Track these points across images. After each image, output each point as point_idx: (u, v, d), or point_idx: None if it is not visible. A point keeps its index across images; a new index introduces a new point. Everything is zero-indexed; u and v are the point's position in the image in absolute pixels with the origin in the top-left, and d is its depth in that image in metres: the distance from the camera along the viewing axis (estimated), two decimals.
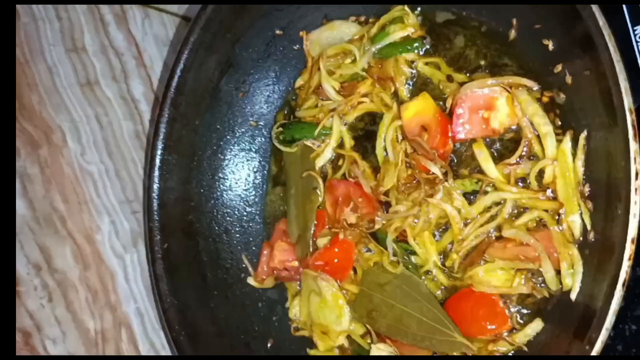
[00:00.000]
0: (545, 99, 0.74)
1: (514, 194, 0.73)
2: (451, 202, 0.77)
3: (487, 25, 0.79)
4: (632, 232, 0.51)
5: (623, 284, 0.52)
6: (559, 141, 0.71)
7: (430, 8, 0.84)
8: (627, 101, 0.52)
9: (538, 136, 0.73)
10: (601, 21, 0.55)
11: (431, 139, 0.79)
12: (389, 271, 0.82)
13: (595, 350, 0.52)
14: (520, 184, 0.75)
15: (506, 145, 0.77)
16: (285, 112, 0.96)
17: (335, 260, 0.87)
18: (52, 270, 0.98)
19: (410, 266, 0.81)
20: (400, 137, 0.83)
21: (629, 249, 0.52)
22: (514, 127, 0.76)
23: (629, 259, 0.52)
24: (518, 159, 0.73)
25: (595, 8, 0.56)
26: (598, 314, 0.53)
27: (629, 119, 0.52)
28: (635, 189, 0.51)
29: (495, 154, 0.77)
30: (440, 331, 0.75)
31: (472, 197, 0.78)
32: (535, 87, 0.73)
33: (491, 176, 0.74)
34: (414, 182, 0.81)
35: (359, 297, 0.84)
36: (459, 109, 0.77)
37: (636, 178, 0.51)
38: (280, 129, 0.93)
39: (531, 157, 0.74)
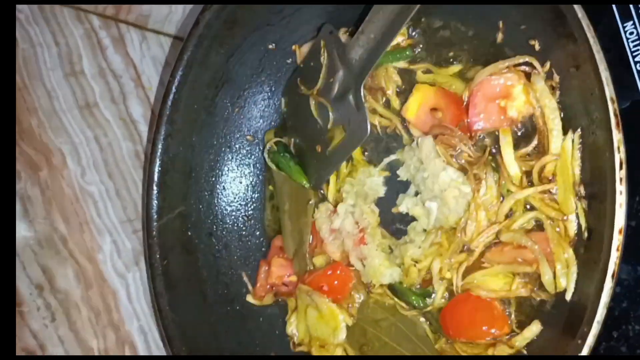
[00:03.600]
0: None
1: (527, 193, 0.70)
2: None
3: (474, 29, 0.80)
4: (619, 223, 0.51)
5: (612, 276, 0.51)
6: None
7: (417, 16, 0.84)
8: (609, 90, 0.52)
9: None
10: (580, 13, 0.55)
11: (446, 114, 0.77)
12: (388, 308, 0.82)
13: (588, 345, 0.51)
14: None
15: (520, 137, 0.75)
16: (276, 129, 0.97)
17: (335, 282, 0.86)
18: (54, 290, 0.99)
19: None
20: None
21: (617, 240, 0.51)
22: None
23: (617, 250, 0.51)
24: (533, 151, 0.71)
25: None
26: (589, 308, 0.52)
27: (611, 108, 0.52)
28: (620, 179, 0.50)
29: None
30: None
31: None
32: (540, 67, 0.71)
33: (507, 162, 0.72)
34: None
35: (352, 329, 0.84)
36: (475, 98, 0.75)
37: (620, 168, 0.51)
38: (274, 147, 0.94)
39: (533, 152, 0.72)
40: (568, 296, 0.65)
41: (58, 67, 1.05)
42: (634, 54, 0.77)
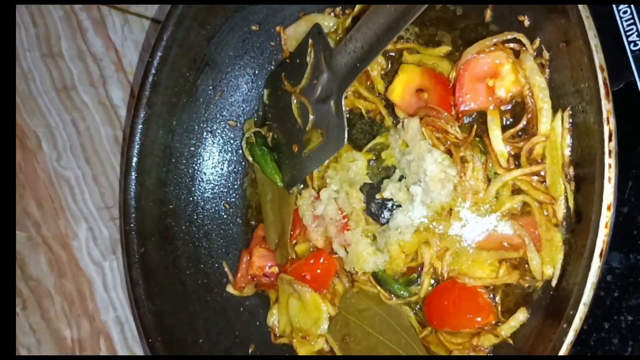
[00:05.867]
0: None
1: (515, 175, 0.67)
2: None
3: (463, 8, 0.77)
4: (608, 198, 0.48)
5: (600, 255, 0.48)
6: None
7: None
8: (598, 58, 0.49)
9: None
10: None
11: (432, 95, 0.75)
12: (371, 297, 0.79)
13: (574, 328, 0.48)
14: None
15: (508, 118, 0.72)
16: (256, 118, 0.94)
17: (318, 271, 0.83)
18: (26, 277, 0.96)
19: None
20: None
21: (605, 216, 0.48)
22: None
23: (606, 227, 0.48)
24: (520, 133, 0.69)
25: None
26: (576, 290, 0.49)
27: (600, 76, 0.49)
28: (609, 151, 0.47)
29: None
30: None
31: None
32: (529, 44, 0.68)
33: (494, 144, 0.69)
34: None
35: (335, 319, 0.81)
36: (462, 78, 0.72)
37: (610, 140, 0.48)
38: (252, 137, 0.91)
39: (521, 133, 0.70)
40: (554, 281, 0.62)
41: (35, 48, 1.02)
42: (628, 34, 0.74)
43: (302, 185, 0.88)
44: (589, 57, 0.50)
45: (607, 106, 0.48)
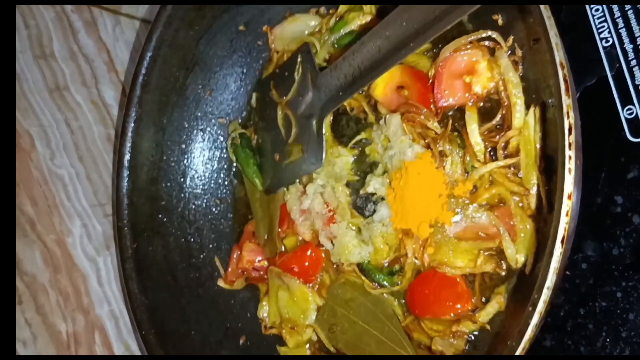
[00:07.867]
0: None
1: (491, 167, 0.70)
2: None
3: None
4: (568, 188, 0.50)
5: (562, 241, 0.50)
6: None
7: None
8: (558, 55, 0.51)
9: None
10: None
11: (413, 91, 0.77)
12: (357, 288, 0.81)
13: (538, 311, 0.51)
14: None
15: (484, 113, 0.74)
16: (241, 122, 0.97)
17: (306, 264, 0.86)
18: (21, 273, 0.98)
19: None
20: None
21: (566, 205, 0.50)
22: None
23: (567, 215, 0.50)
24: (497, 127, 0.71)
25: None
26: (540, 274, 0.52)
27: (561, 73, 0.51)
28: (569, 144, 0.50)
29: None
30: (399, 354, 0.74)
31: None
32: (503, 42, 0.71)
33: (472, 138, 0.72)
34: None
35: (322, 310, 0.84)
36: (440, 75, 0.74)
37: (570, 133, 0.50)
38: (237, 139, 0.94)
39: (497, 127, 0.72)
40: (528, 268, 0.64)
41: (27, 49, 1.04)
42: (599, 30, 0.76)
43: None
44: (551, 55, 0.52)
45: (567, 101, 0.51)
